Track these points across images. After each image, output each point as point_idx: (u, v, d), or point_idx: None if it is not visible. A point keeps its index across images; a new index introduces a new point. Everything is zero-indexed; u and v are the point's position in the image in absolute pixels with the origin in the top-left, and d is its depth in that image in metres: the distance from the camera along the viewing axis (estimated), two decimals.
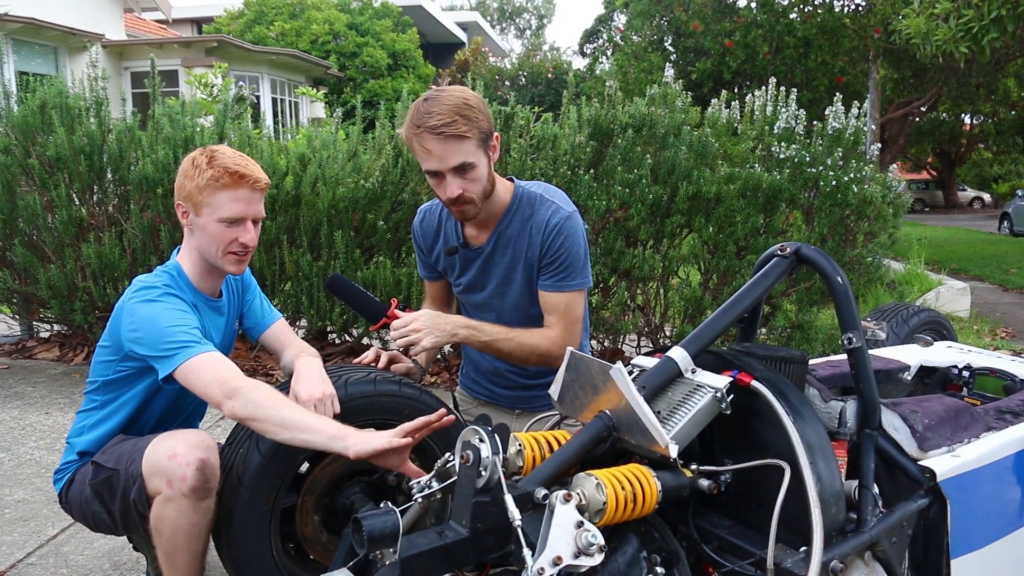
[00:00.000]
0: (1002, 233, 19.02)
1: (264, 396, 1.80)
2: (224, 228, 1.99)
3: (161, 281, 2.01)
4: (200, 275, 2.09)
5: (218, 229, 1.99)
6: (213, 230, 1.99)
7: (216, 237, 2.00)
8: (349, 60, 20.52)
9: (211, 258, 2.04)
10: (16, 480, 3.30)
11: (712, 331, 1.72)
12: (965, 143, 31.19)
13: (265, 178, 2.04)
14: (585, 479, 1.43)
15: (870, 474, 1.70)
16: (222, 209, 1.97)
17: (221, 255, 2.02)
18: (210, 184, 1.96)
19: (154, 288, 1.98)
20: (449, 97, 2.05)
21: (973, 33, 5.99)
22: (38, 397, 4.43)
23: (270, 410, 1.77)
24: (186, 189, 1.99)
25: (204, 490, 1.84)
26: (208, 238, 2.01)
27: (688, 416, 1.56)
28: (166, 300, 1.96)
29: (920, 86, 15.22)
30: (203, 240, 2.02)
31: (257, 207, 2.03)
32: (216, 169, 1.96)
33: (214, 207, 1.97)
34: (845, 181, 4.31)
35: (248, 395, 1.79)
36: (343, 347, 4.96)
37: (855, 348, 1.73)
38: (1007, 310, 8.32)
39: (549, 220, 2.20)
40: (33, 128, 4.73)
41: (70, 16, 13.73)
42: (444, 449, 2.17)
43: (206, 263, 2.06)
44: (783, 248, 1.84)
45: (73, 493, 2.09)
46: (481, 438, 1.41)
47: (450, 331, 2.15)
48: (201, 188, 1.96)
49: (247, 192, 1.99)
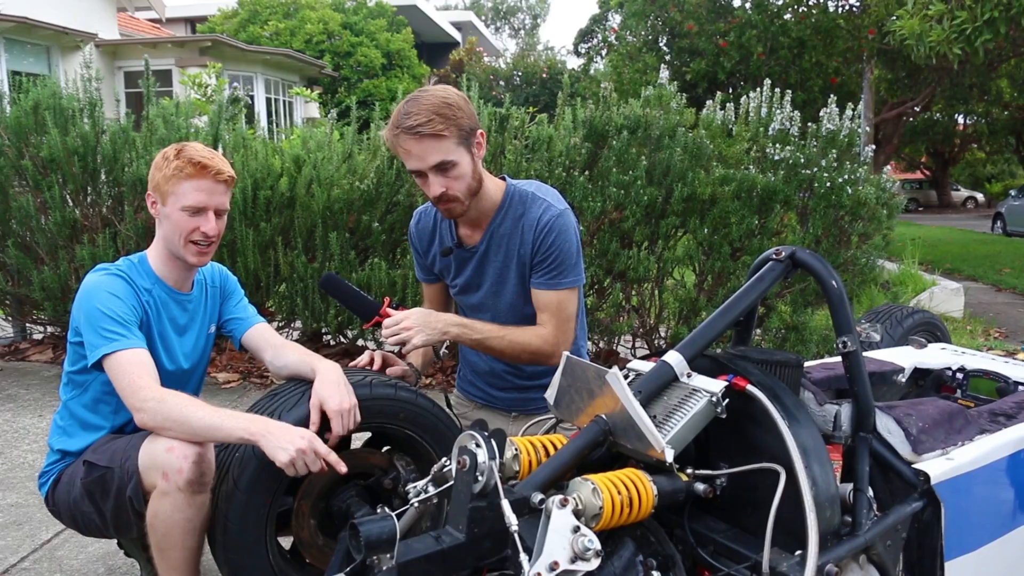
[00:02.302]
0: (995, 233, 19.10)
1: (170, 407, 1.86)
2: (187, 217, 2.05)
3: (116, 266, 2.09)
4: (164, 263, 2.14)
5: (181, 218, 2.05)
6: (176, 218, 2.06)
7: (179, 225, 2.06)
8: (343, 60, 20.50)
9: (174, 247, 2.10)
10: (9, 484, 3.29)
11: (707, 335, 1.73)
12: (958, 143, 31.32)
13: (230, 171, 2.12)
14: (581, 484, 1.43)
15: (865, 477, 1.71)
16: (185, 198, 2.04)
17: (183, 244, 2.08)
18: (175, 174, 2.03)
19: (106, 269, 2.07)
20: (428, 97, 2.06)
21: (967, 35, 6.02)
22: (31, 400, 4.42)
23: (176, 421, 1.85)
24: (155, 180, 2.08)
25: (200, 484, 1.86)
26: (172, 226, 2.07)
27: (684, 421, 1.57)
28: (112, 280, 2.03)
29: (914, 86, 15.27)
30: (168, 229, 2.09)
31: (220, 199, 2.10)
32: (182, 160, 2.04)
33: (178, 196, 2.04)
34: (839, 183, 4.32)
35: (154, 408, 1.86)
36: (338, 348, 4.95)
37: (850, 352, 1.74)
38: (1000, 310, 8.35)
39: (540, 218, 2.21)
40: (26, 129, 4.71)
41: (63, 15, 13.69)
42: (440, 452, 2.18)
43: (170, 252, 2.12)
44: (778, 252, 1.85)
45: (60, 494, 2.09)
46: (478, 443, 1.41)
47: (441, 329, 2.16)
48: (168, 178, 2.04)
49: (209, 183, 2.06)
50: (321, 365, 2.05)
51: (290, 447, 1.78)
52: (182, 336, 2.20)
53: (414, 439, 2.15)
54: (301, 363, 2.11)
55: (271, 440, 1.80)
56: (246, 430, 1.83)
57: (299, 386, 2.08)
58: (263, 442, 1.81)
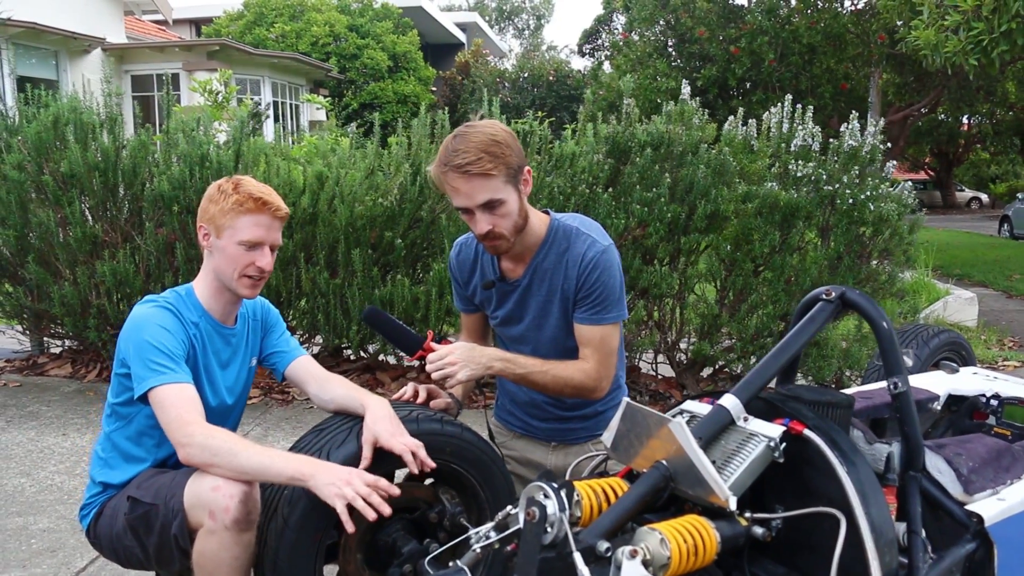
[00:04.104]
0: (1002, 236, 19.07)
1: (218, 443, 1.86)
2: (243, 251, 2.06)
3: (164, 298, 2.09)
4: (212, 296, 2.14)
5: (237, 251, 2.06)
6: (232, 252, 2.07)
7: (234, 259, 2.07)
8: (349, 62, 20.48)
9: (226, 280, 2.10)
10: (40, 507, 3.29)
11: (762, 378, 1.74)
12: (963, 144, 31.34)
13: (286, 208, 2.13)
14: (648, 534, 1.44)
15: (918, 519, 1.72)
16: (243, 232, 2.05)
17: (236, 277, 2.08)
18: (234, 208, 2.04)
19: (155, 301, 2.07)
20: (476, 134, 2.07)
21: (983, 46, 6.03)
22: (54, 417, 4.43)
23: (224, 458, 1.85)
24: (209, 212, 2.08)
25: (247, 522, 1.86)
26: (226, 259, 2.08)
27: (743, 466, 1.58)
28: (160, 313, 2.03)
29: (921, 89, 15.28)
30: (221, 261, 2.09)
31: (275, 234, 2.12)
32: (241, 195, 2.05)
33: (235, 230, 2.05)
34: (862, 199, 4.32)
35: (203, 443, 1.86)
36: (359, 364, 4.96)
37: (901, 393, 1.76)
38: (1012, 318, 8.35)
39: (585, 254, 2.22)
40: (47, 144, 4.72)
41: (70, 20, 13.68)
42: (483, 485, 2.19)
43: (220, 284, 2.12)
44: (828, 293, 1.86)
45: (102, 527, 2.09)
46: (546, 494, 1.42)
47: (485, 364, 2.16)
48: (225, 212, 2.05)
49: (268, 219, 2.07)
50: (370, 401, 2.05)
51: (345, 488, 1.79)
52: (225, 370, 2.20)
53: (459, 472, 2.16)
54: (349, 398, 2.12)
55: (322, 479, 1.81)
56: (297, 471, 1.84)
57: (346, 421, 2.09)
58: (312, 483, 1.82)
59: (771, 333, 4.54)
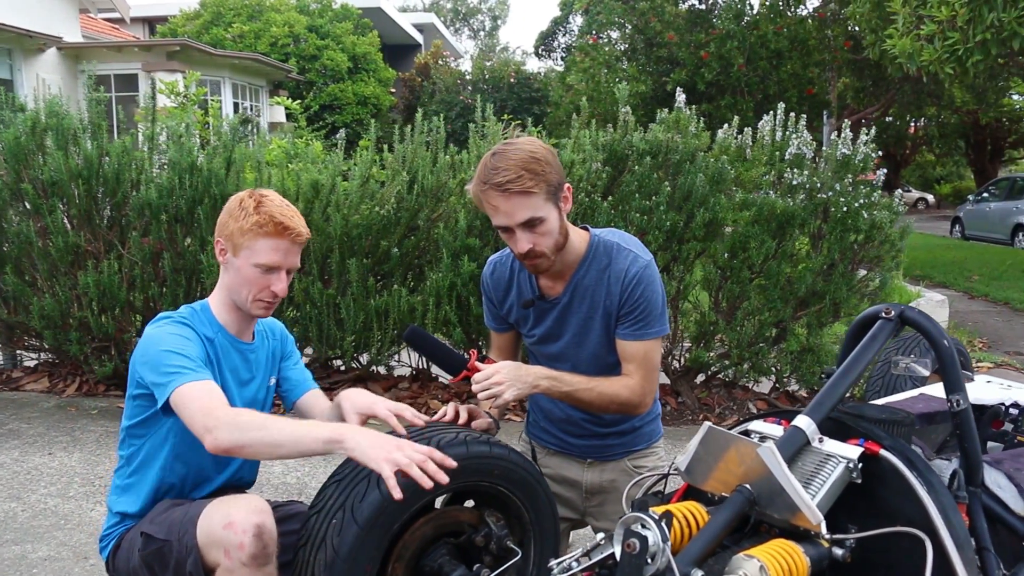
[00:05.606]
0: (954, 237, 19.62)
1: (246, 420, 1.78)
2: (259, 274, 2.00)
3: (179, 314, 2.03)
4: (227, 311, 2.09)
5: (253, 274, 2.00)
6: (248, 274, 2.00)
7: (249, 281, 2.01)
8: (309, 63, 20.20)
9: (239, 300, 2.04)
10: (36, 534, 3.14)
11: (833, 398, 1.73)
12: (910, 146, 32.20)
13: (307, 232, 2.06)
14: (747, 561, 1.42)
15: (987, 535, 1.73)
16: (260, 255, 1.98)
17: (250, 300, 2.03)
18: (253, 229, 1.97)
19: (169, 317, 2.01)
20: (516, 151, 2.03)
21: (958, 55, 6.18)
22: (36, 435, 4.25)
23: (255, 432, 1.75)
24: (228, 228, 2.01)
25: (264, 556, 1.79)
26: (241, 280, 2.02)
27: (824, 488, 1.58)
28: (175, 327, 1.97)
29: (877, 93, 15.65)
30: (236, 280, 2.03)
31: (294, 259, 2.05)
32: (262, 215, 1.97)
33: (253, 251, 1.98)
34: (855, 207, 4.39)
35: (230, 422, 1.76)
36: (350, 375, 4.88)
37: (961, 411, 1.78)
38: (978, 319, 8.58)
39: (628, 269, 2.20)
40: (26, 151, 4.53)
41: (24, 17, 13.21)
42: (527, 505, 2.15)
43: (233, 303, 2.07)
44: (887, 311, 1.87)
45: (120, 560, 2.02)
46: (644, 524, 1.39)
47: (531, 382, 2.13)
48: (244, 231, 1.98)
49: (287, 243, 2.00)
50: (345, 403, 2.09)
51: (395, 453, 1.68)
52: (243, 387, 2.14)
53: (504, 494, 2.12)
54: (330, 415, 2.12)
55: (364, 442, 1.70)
56: (335, 433, 1.73)
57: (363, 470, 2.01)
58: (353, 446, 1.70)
59: (765, 340, 4.59)
